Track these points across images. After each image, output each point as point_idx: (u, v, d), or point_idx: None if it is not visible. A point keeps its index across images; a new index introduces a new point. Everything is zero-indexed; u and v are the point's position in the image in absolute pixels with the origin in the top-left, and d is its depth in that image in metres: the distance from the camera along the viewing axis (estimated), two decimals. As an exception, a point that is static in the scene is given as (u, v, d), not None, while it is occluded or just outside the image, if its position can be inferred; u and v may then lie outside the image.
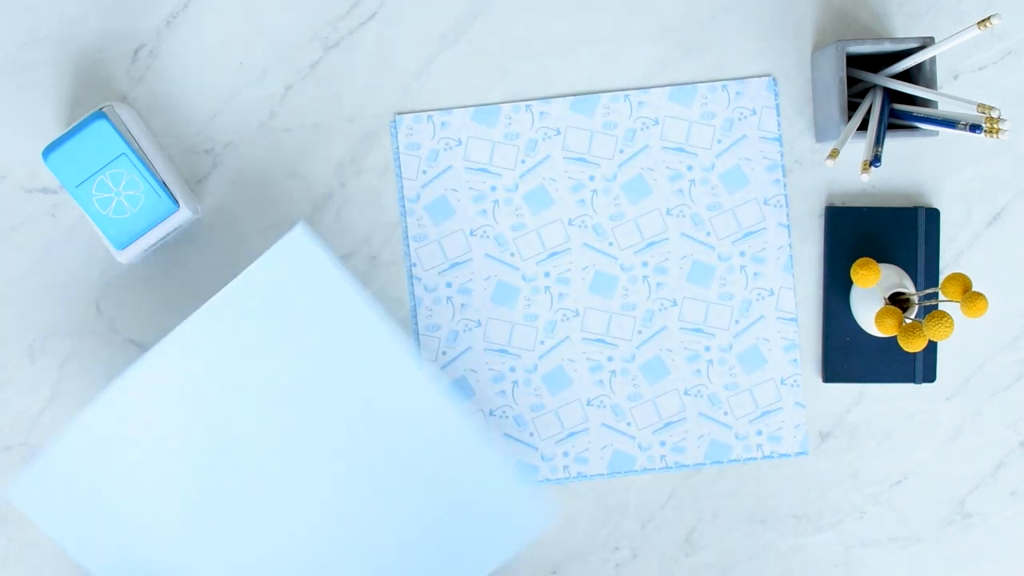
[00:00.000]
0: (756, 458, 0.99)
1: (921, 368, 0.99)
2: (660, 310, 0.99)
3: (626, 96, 0.99)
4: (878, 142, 0.90)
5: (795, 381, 0.99)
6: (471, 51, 0.99)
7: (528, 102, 0.99)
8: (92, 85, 0.98)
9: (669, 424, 0.99)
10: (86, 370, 0.98)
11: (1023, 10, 0.99)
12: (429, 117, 0.98)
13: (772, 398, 0.99)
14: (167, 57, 0.98)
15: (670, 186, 0.99)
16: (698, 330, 0.99)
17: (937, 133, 0.92)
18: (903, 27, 0.99)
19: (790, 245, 0.99)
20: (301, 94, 0.98)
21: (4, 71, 0.97)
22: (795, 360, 0.99)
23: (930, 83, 0.93)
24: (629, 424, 0.99)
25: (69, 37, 0.98)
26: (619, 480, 1.00)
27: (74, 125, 0.90)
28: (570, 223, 0.99)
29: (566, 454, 0.99)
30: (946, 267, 1.00)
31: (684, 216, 0.99)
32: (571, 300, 0.99)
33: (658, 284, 0.99)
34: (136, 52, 0.98)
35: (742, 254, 0.99)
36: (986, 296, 0.96)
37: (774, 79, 0.99)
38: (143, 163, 0.91)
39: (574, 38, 0.99)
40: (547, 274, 0.99)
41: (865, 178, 0.87)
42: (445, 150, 0.99)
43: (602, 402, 0.99)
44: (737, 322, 0.99)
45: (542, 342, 0.99)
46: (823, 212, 0.99)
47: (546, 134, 0.99)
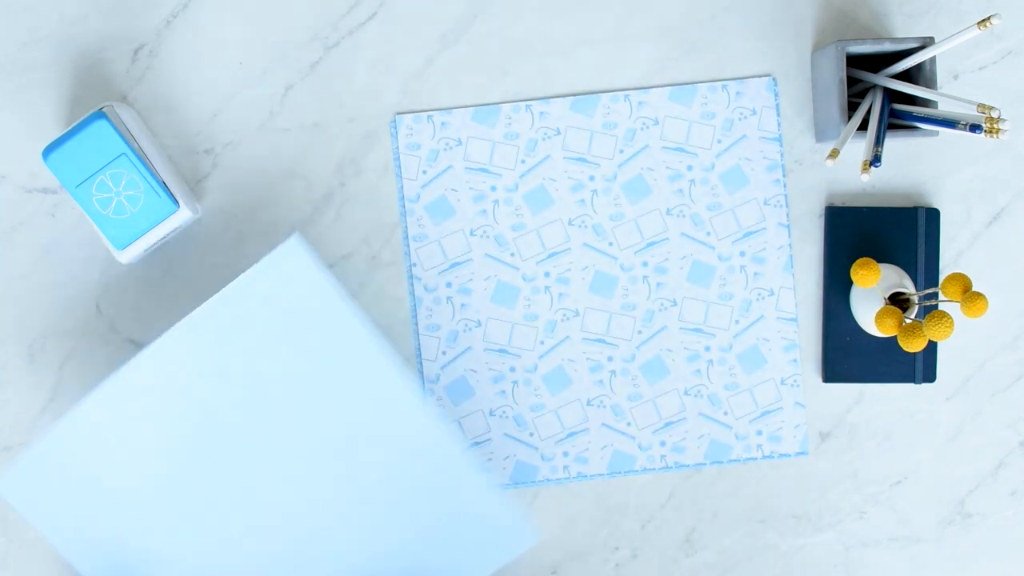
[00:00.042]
0: (756, 458, 0.99)
1: (921, 368, 0.99)
2: (660, 310, 0.99)
3: (626, 96, 0.99)
4: (878, 142, 0.90)
5: (795, 381, 0.99)
6: (471, 51, 0.99)
7: (528, 102, 0.99)
8: (92, 85, 0.98)
9: (669, 424, 0.99)
10: (86, 370, 0.98)
11: (1023, 10, 0.99)
12: (429, 117, 0.98)
13: (772, 398, 0.99)
14: (167, 57, 0.98)
15: (670, 186, 0.99)
16: (698, 330, 0.99)
17: (937, 133, 0.92)
18: (903, 27, 0.99)
19: (790, 245, 0.99)
20: (301, 94, 0.98)
21: (4, 71, 0.97)
22: (795, 360, 0.99)
23: (930, 83, 0.93)
24: (629, 424, 0.99)
25: (69, 37, 0.98)
26: (619, 480, 1.00)
27: (74, 125, 0.90)
28: (570, 223, 0.99)
29: (566, 454, 0.99)
30: (946, 267, 1.00)
31: (684, 216, 0.99)
32: (571, 300, 0.99)
33: (658, 284, 0.99)
34: (136, 52, 0.98)
35: (742, 254, 0.99)
36: (986, 296, 0.96)
37: (774, 79, 0.99)
38: (143, 163, 0.91)
39: (574, 38, 0.99)
40: (547, 274, 0.99)
41: (865, 178, 0.87)
42: (445, 150, 0.98)
43: (602, 402, 0.99)
44: (737, 322, 0.99)
45: (542, 342, 0.99)
46: (823, 212, 0.99)
47: (546, 134, 0.99)
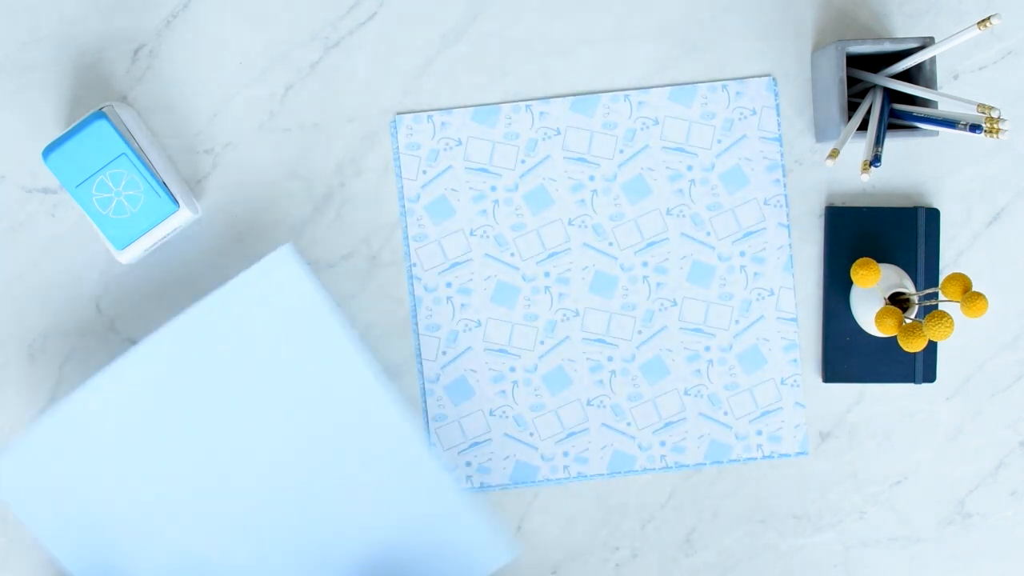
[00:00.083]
0: (756, 458, 0.99)
1: (921, 368, 0.99)
2: (660, 310, 0.99)
3: (626, 96, 0.99)
4: (878, 142, 0.90)
5: (795, 381, 0.99)
6: (471, 51, 0.99)
7: (528, 102, 0.99)
8: (92, 85, 0.98)
9: (669, 424, 0.99)
10: (86, 370, 0.98)
11: (1023, 10, 0.99)
12: (429, 117, 0.98)
13: (772, 398, 0.99)
14: (167, 57, 0.98)
15: (670, 186, 0.99)
16: (698, 330, 0.99)
17: (937, 133, 0.92)
18: (903, 27, 0.99)
19: (790, 245, 0.99)
20: (301, 94, 0.98)
21: (4, 71, 0.97)
22: (795, 360, 0.99)
23: (930, 83, 0.93)
24: (629, 424, 0.99)
25: (69, 37, 0.98)
26: (619, 480, 0.99)
27: (74, 125, 0.90)
28: (570, 223, 0.99)
29: (566, 454, 0.99)
30: (946, 267, 1.00)
31: (684, 216, 0.99)
32: (571, 300, 0.99)
33: (658, 284, 0.99)
34: (136, 52, 0.98)
35: (742, 254, 0.99)
36: (986, 296, 0.96)
37: (774, 79, 0.99)
38: (143, 163, 0.91)
39: (574, 38, 0.99)
40: (547, 274, 0.99)
41: (865, 178, 0.87)
42: (445, 150, 0.98)
43: (602, 402, 0.99)
44: (737, 322, 0.99)
45: (542, 342, 0.99)
46: (823, 212, 0.99)
47: (546, 134, 0.99)
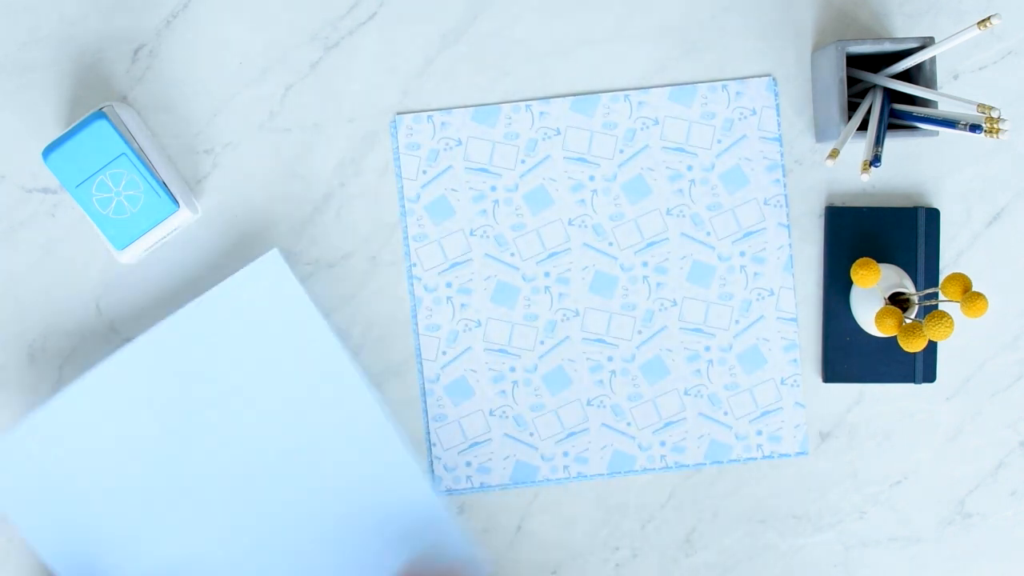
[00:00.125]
0: (756, 458, 0.99)
1: (921, 368, 0.99)
2: (660, 310, 0.99)
3: (626, 96, 0.99)
4: (878, 142, 0.90)
5: (795, 381, 0.99)
6: (471, 51, 0.99)
7: (528, 102, 0.99)
8: (92, 85, 0.98)
9: (669, 424, 0.99)
10: (86, 370, 0.98)
11: (1023, 10, 0.99)
12: (429, 117, 0.98)
13: (772, 398, 0.99)
14: (167, 57, 0.98)
15: (670, 186, 0.99)
16: (698, 330, 0.99)
17: (937, 133, 0.92)
18: (903, 27, 0.99)
19: (790, 245, 0.99)
20: (301, 94, 0.98)
21: (4, 71, 0.97)
22: (795, 360, 0.99)
23: (930, 83, 0.93)
24: (629, 424, 0.99)
25: (69, 37, 0.98)
26: (619, 480, 0.99)
27: (74, 125, 0.90)
28: (570, 223, 0.99)
29: (566, 454, 0.99)
30: (946, 267, 1.00)
31: (684, 216, 0.99)
32: (571, 300, 0.99)
33: (658, 284, 0.99)
34: (136, 52, 0.98)
35: (742, 254, 0.99)
36: (986, 296, 0.96)
37: (774, 79, 0.99)
38: (143, 163, 0.91)
39: (574, 38, 0.99)
40: (547, 274, 0.99)
41: (865, 178, 0.87)
42: (445, 150, 0.98)
43: (602, 402, 0.99)
44: (737, 322, 0.99)
45: (542, 342, 0.99)
46: (823, 212, 0.99)
47: (546, 134, 0.99)
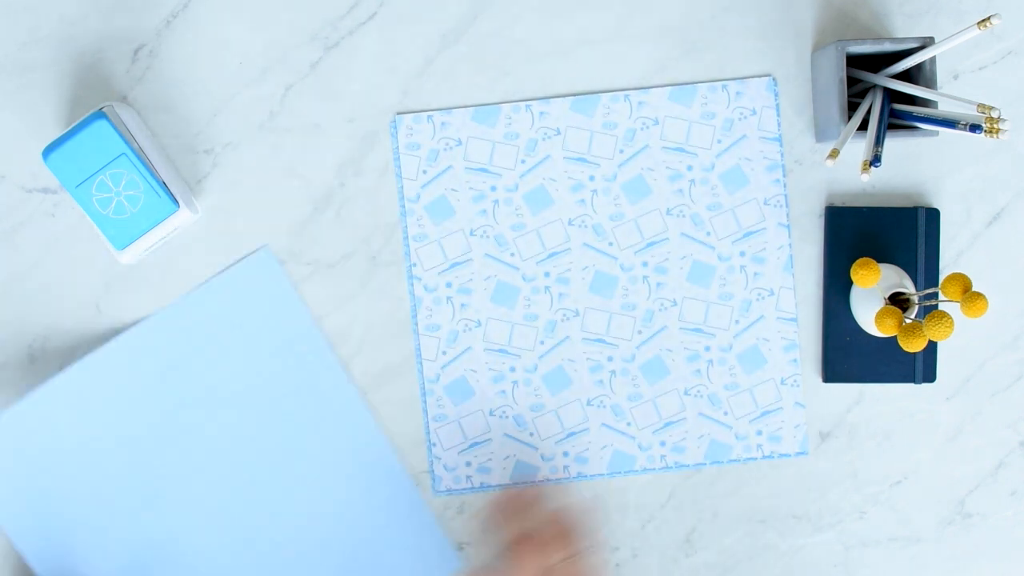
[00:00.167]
0: (756, 458, 0.99)
1: (921, 368, 0.99)
2: (660, 310, 0.99)
3: (626, 96, 0.99)
4: (878, 142, 0.90)
5: (795, 381, 0.99)
6: (471, 51, 0.99)
7: (528, 102, 0.99)
8: (92, 85, 0.98)
9: (669, 424, 0.99)
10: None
11: (1023, 10, 0.99)
12: (429, 117, 0.98)
13: (772, 398, 0.99)
14: (167, 57, 0.98)
15: (670, 186, 0.99)
16: (698, 330, 0.99)
17: (937, 133, 0.92)
18: (903, 27, 0.99)
19: (790, 245, 0.99)
20: (301, 94, 0.98)
21: (4, 71, 0.97)
22: (795, 360, 0.99)
23: (930, 83, 0.93)
24: (629, 424, 0.99)
25: (69, 37, 0.98)
26: (619, 480, 0.99)
27: (74, 125, 0.90)
28: (570, 223, 0.99)
29: (566, 454, 0.99)
30: (946, 267, 1.00)
31: (684, 216, 0.99)
32: (571, 300, 0.99)
33: (658, 284, 0.99)
34: (136, 52, 0.98)
35: (742, 254, 0.99)
36: (986, 296, 0.96)
37: (774, 79, 0.99)
38: (143, 163, 0.91)
39: (574, 38, 0.99)
40: (547, 274, 0.99)
41: (865, 178, 0.87)
42: (445, 150, 0.98)
43: (602, 402, 0.99)
44: (737, 322, 0.99)
45: (542, 342, 0.99)
46: (823, 212, 0.99)
47: (546, 134, 0.99)
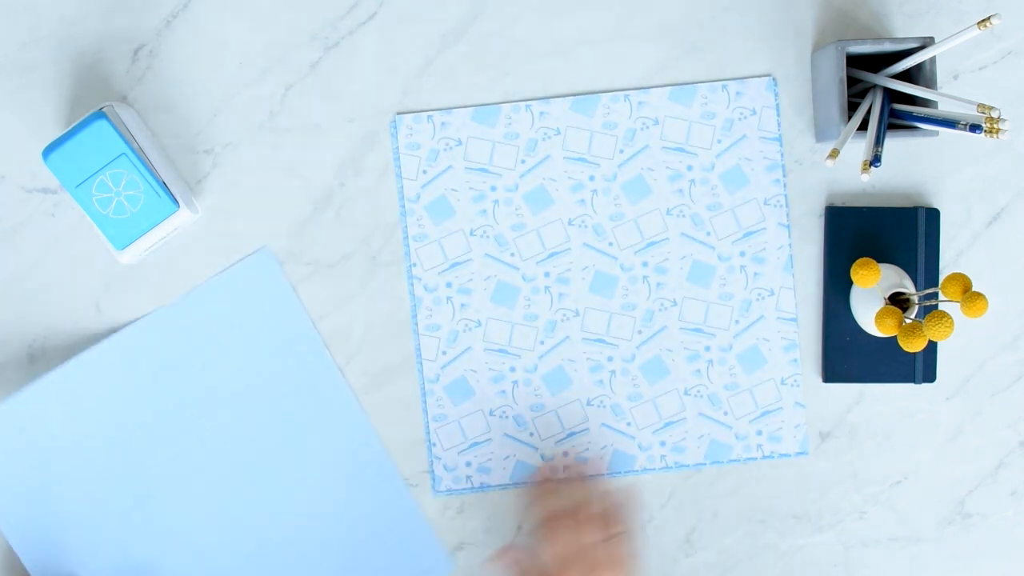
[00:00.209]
0: (756, 458, 0.99)
1: (921, 368, 0.99)
2: (660, 310, 0.99)
3: (626, 96, 0.99)
4: (878, 142, 0.90)
5: (795, 381, 0.99)
6: (471, 51, 0.99)
7: (528, 102, 0.99)
8: (92, 85, 0.98)
9: (669, 424, 0.99)
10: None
11: (1023, 10, 0.99)
12: (429, 117, 0.98)
13: (772, 398, 0.99)
14: (167, 57, 0.98)
15: (670, 186, 0.99)
16: (698, 330, 0.99)
17: (937, 133, 0.92)
18: (903, 27, 0.99)
19: (790, 245, 0.99)
20: (301, 94, 0.98)
21: (4, 71, 0.97)
22: (795, 360, 0.99)
23: (930, 83, 0.93)
24: (629, 424, 0.99)
25: (69, 37, 0.98)
26: (619, 480, 0.99)
27: (74, 125, 0.90)
28: (570, 223, 0.99)
29: (566, 454, 0.99)
30: (946, 267, 1.00)
31: (684, 216, 0.99)
32: (571, 300, 0.99)
33: (658, 284, 0.99)
34: (136, 52, 0.98)
35: (742, 254, 0.99)
36: (986, 296, 0.96)
37: (774, 79, 0.99)
38: (143, 163, 0.90)
39: (574, 38, 0.99)
40: (547, 274, 0.99)
41: (865, 178, 0.87)
42: (445, 150, 0.98)
43: (602, 402, 0.99)
44: (737, 322, 0.99)
45: (542, 342, 0.99)
46: (823, 212, 0.99)
47: (546, 134, 0.99)
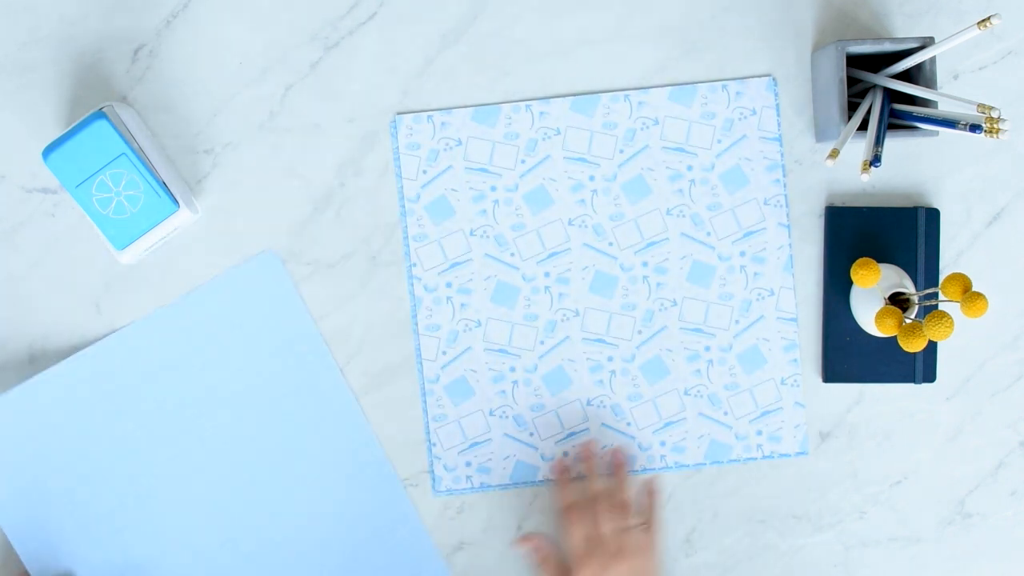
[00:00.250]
0: (756, 458, 0.99)
1: (921, 368, 0.99)
2: (660, 310, 0.99)
3: (626, 96, 0.99)
4: (878, 142, 0.90)
5: (795, 381, 0.99)
6: (471, 51, 0.99)
7: (528, 102, 0.99)
8: (92, 85, 0.98)
9: (669, 424, 0.99)
10: (86, 370, 0.98)
11: (1023, 10, 0.99)
12: (429, 117, 0.98)
13: (772, 398, 0.99)
14: (167, 57, 0.98)
15: (670, 186, 0.99)
16: (698, 330, 0.99)
17: (937, 133, 0.92)
18: (903, 27, 0.99)
19: (790, 245, 0.99)
20: (301, 94, 0.98)
21: (4, 71, 0.97)
22: (795, 360, 0.99)
23: (930, 83, 0.93)
24: (629, 424, 0.99)
25: (69, 37, 0.98)
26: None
27: (74, 125, 0.90)
28: (570, 223, 0.99)
29: (566, 454, 0.99)
30: (946, 267, 1.00)
31: (684, 216, 0.99)
32: (571, 300, 0.99)
33: (658, 284, 0.99)
34: (136, 52, 0.98)
35: (742, 254, 0.99)
36: (986, 296, 0.96)
37: (774, 79, 0.99)
38: (143, 163, 0.91)
39: (574, 38, 0.99)
40: (547, 274, 0.99)
41: (865, 178, 0.87)
42: (445, 150, 0.98)
43: (602, 402, 0.99)
44: (737, 322, 0.99)
45: (542, 342, 0.99)
46: (823, 212, 0.99)
47: (546, 134, 0.99)
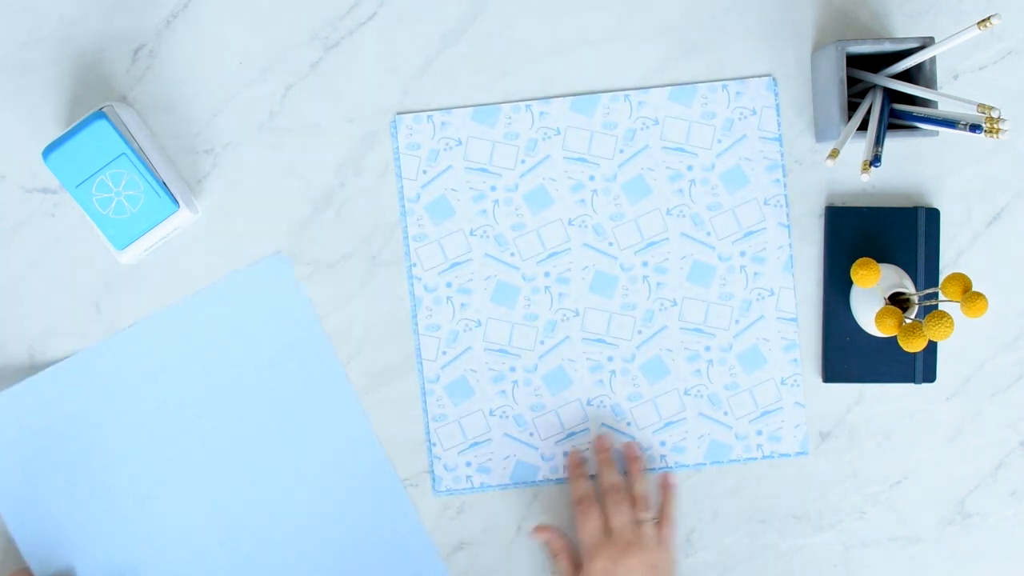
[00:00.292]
0: (756, 458, 0.99)
1: (921, 368, 0.99)
2: (660, 310, 0.99)
3: (626, 96, 0.99)
4: (878, 142, 0.90)
5: (795, 381, 0.99)
6: (471, 51, 0.99)
7: (528, 102, 0.99)
8: (92, 85, 0.98)
9: (669, 424, 0.99)
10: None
11: (1023, 10, 0.99)
12: (429, 117, 0.98)
13: (772, 398, 0.99)
14: (167, 57, 0.98)
15: (670, 186, 0.99)
16: (698, 330, 0.99)
17: (937, 133, 0.92)
18: (903, 27, 0.99)
19: (790, 245, 0.99)
20: (301, 94, 0.98)
21: (4, 71, 0.97)
22: (795, 360, 0.99)
23: (930, 83, 0.93)
24: (629, 424, 0.99)
25: (69, 37, 0.98)
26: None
27: (74, 125, 0.90)
28: (570, 223, 0.99)
29: (566, 454, 0.99)
30: (946, 267, 1.00)
31: (684, 216, 0.99)
32: (571, 300, 0.99)
33: (658, 284, 0.99)
34: (136, 52, 0.98)
35: (742, 254, 0.99)
36: (986, 296, 0.96)
37: (774, 79, 0.99)
38: (143, 163, 0.91)
39: (574, 38, 0.99)
40: (547, 274, 0.99)
41: (865, 178, 0.87)
42: (445, 150, 0.98)
43: (602, 402, 0.99)
44: (737, 322, 0.99)
45: (542, 342, 0.99)
46: (823, 212, 0.99)
47: (546, 134, 0.99)
